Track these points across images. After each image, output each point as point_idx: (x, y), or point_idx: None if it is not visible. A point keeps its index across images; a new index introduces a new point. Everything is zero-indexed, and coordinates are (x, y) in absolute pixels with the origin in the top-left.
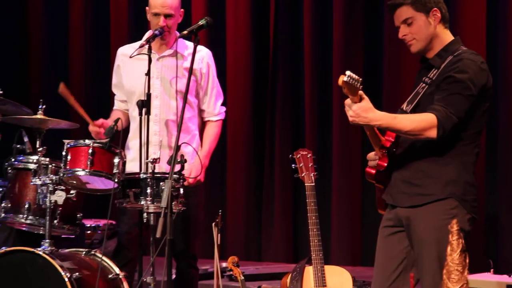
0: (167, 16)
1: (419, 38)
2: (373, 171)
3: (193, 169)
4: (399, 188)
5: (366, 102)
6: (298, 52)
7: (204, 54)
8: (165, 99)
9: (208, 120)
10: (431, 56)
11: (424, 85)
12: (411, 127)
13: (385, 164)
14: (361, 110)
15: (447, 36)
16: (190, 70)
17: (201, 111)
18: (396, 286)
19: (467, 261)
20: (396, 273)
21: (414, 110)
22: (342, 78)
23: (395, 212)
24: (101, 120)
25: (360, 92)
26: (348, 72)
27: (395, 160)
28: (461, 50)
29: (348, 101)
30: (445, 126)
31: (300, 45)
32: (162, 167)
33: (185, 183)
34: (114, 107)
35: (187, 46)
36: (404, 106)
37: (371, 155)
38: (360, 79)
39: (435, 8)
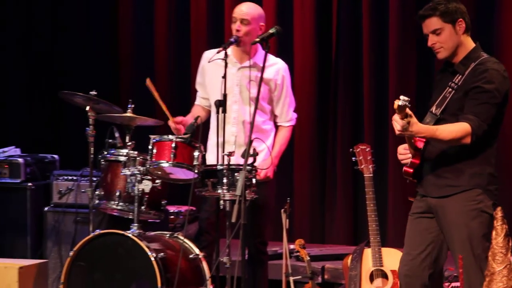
0: (242, 21)
1: (446, 46)
2: (411, 170)
3: (264, 166)
4: (430, 181)
5: (413, 118)
6: (358, 58)
7: (280, 67)
8: (242, 105)
9: (281, 125)
10: (456, 61)
11: (450, 89)
12: (450, 137)
13: (418, 162)
14: (409, 125)
15: (469, 43)
16: (261, 79)
17: (274, 116)
18: (422, 266)
19: (510, 244)
20: (423, 254)
21: (442, 113)
22: (397, 103)
23: (426, 201)
24: (180, 118)
25: (408, 110)
26: (402, 97)
27: (427, 157)
28: (482, 57)
29: (395, 117)
30: (477, 134)
31: (359, 52)
32: (237, 160)
33: (258, 176)
34: (196, 102)
35: (265, 58)
36: (433, 109)
37: (401, 148)
38: (409, 99)
39: (461, 19)
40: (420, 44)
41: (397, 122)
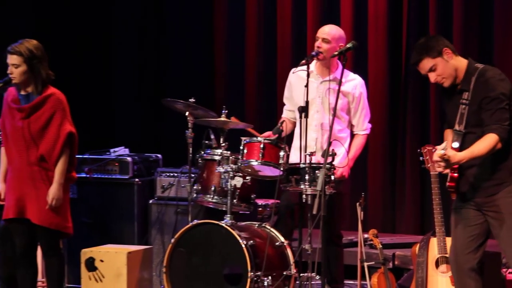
0: (323, 40)
1: (447, 75)
2: (454, 183)
3: (342, 165)
4: (475, 185)
5: (451, 152)
6: None
7: (357, 82)
8: (323, 114)
9: (357, 134)
10: (459, 82)
11: (464, 106)
12: (486, 151)
13: (457, 175)
14: (451, 159)
15: (462, 63)
16: (338, 90)
17: (351, 126)
18: (469, 253)
19: None
20: (470, 242)
21: (466, 128)
22: (440, 153)
23: (471, 198)
24: (267, 133)
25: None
26: (442, 151)
27: (465, 167)
28: (479, 69)
29: (436, 158)
30: (504, 137)
31: None
32: (317, 160)
33: (335, 174)
34: (283, 115)
35: (345, 74)
36: (456, 127)
37: (439, 151)
38: (444, 145)
39: (444, 48)
40: (481, 47)
41: (439, 165)
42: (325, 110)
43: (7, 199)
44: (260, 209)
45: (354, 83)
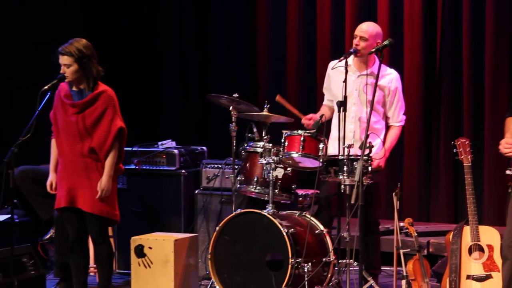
0: (361, 38)
1: None
2: None
3: (377, 157)
4: None
5: None
6: (458, 65)
7: (393, 76)
8: (360, 107)
9: (392, 125)
10: None
11: None
12: None
13: None
14: None
15: None
16: (375, 85)
17: (386, 118)
18: None
19: None
20: None
21: None
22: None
23: None
24: (310, 115)
25: None
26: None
27: None
28: None
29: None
30: None
31: (460, 60)
32: (355, 152)
33: (372, 165)
34: (324, 103)
35: (381, 68)
36: None
37: (504, 142)
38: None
39: None
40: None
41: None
42: (362, 103)
43: (59, 189)
44: (300, 198)
45: (390, 77)
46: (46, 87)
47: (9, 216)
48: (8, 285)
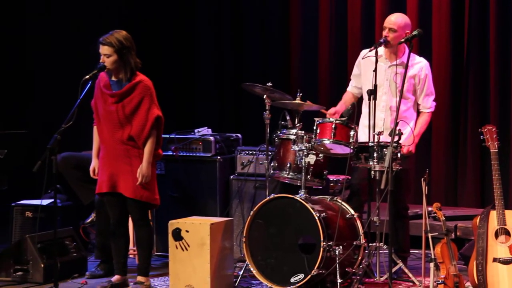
0: (390, 29)
1: None
2: None
3: (407, 143)
4: None
5: None
6: (485, 54)
7: (423, 65)
8: (390, 96)
9: (422, 112)
10: None
11: None
12: None
13: None
14: None
15: None
16: (405, 74)
17: (417, 105)
18: None
19: None
20: None
21: None
22: None
23: None
24: (333, 109)
25: None
26: None
27: None
28: None
29: None
30: None
31: (487, 49)
32: (385, 139)
33: (402, 151)
34: (348, 89)
35: (411, 57)
36: None
37: None
38: None
39: None
40: None
41: None
42: (392, 92)
43: (101, 175)
44: (331, 184)
45: (420, 65)
46: (87, 77)
47: (52, 200)
48: (51, 266)
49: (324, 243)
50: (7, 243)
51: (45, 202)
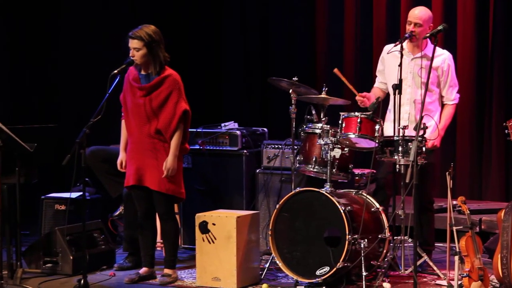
0: (415, 24)
1: None
2: None
3: (432, 137)
4: None
5: None
6: (510, 46)
7: (446, 56)
8: (414, 88)
9: (446, 104)
10: None
11: None
12: None
13: None
14: None
15: None
16: (430, 67)
17: (441, 97)
18: None
19: None
20: None
21: None
22: None
23: None
24: (364, 93)
25: None
26: None
27: None
28: None
29: None
30: None
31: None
32: (410, 133)
33: (426, 145)
34: (375, 85)
35: (434, 50)
36: None
37: None
38: None
39: None
40: None
41: None
42: (416, 85)
43: (128, 168)
44: (357, 177)
45: (442, 57)
46: (115, 71)
47: (81, 193)
48: (80, 258)
49: (350, 236)
50: (36, 236)
51: (74, 195)
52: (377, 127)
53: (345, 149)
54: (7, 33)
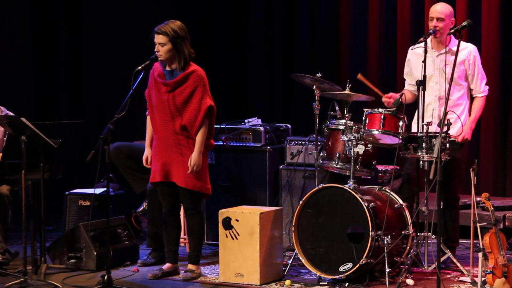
0: (438, 19)
1: None
2: None
3: (460, 132)
4: None
5: None
6: None
7: (471, 49)
8: (441, 84)
9: (476, 96)
10: None
11: None
12: None
13: None
14: None
15: None
16: (455, 61)
17: (470, 90)
18: None
19: None
20: None
21: None
22: None
23: None
24: (390, 93)
25: None
26: None
27: None
28: None
29: None
30: None
31: None
32: (434, 129)
33: (457, 139)
34: (405, 88)
35: (458, 45)
36: None
37: None
38: None
39: None
40: None
41: None
42: (443, 81)
43: (154, 164)
44: (380, 174)
45: (467, 50)
46: (139, 67)
47: (105, 189)
48: (104, 254)
49: (373, 233)
50: (61, 231)
51: (98, 191)
52: (400, 123)
53: (369, 145)
54: (31, 30)
